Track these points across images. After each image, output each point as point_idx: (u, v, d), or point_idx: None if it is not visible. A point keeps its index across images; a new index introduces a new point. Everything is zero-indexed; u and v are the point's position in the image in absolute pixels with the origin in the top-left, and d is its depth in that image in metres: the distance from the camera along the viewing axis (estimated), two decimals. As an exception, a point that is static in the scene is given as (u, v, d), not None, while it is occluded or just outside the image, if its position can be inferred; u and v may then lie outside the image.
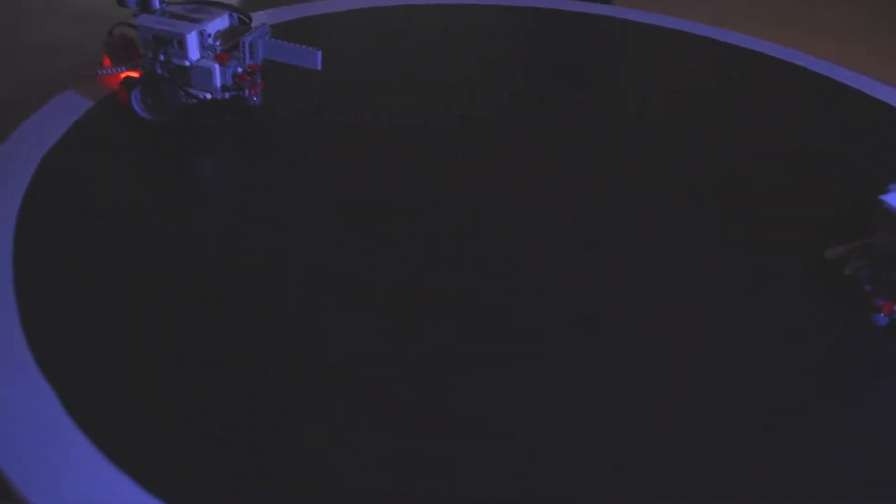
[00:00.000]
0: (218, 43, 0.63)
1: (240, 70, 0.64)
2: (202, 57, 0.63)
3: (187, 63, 0.62)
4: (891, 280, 0.48)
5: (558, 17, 0.94)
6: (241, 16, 0.65)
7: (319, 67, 0.64)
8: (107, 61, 0.68)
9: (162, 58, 0.61)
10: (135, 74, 0.65)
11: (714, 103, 0.74)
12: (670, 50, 0.85)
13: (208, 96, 0.64)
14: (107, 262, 0.50)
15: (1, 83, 0.86)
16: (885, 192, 0.52)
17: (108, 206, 0.55)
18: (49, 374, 0.42)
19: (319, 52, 0.63)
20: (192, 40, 0.61)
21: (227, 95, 0.65)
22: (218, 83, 0.63)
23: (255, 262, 0.51)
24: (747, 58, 0.85)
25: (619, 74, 0.79)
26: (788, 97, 0.76)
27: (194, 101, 0.64)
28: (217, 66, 0.62)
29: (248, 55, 0.63)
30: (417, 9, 0.94)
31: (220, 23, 0.63)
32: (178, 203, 0.56)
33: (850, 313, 0.50)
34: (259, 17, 0.87)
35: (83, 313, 0.46)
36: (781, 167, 0.64)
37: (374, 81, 0.75)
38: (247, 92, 0.65)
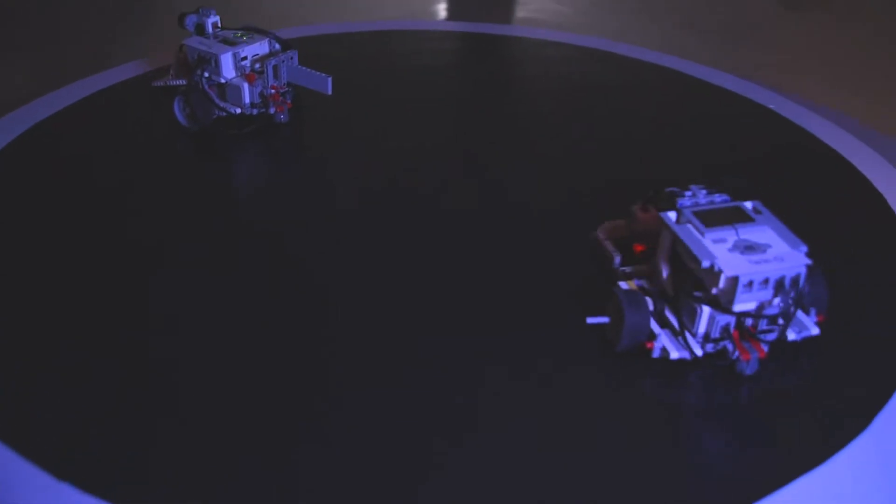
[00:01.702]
0: (257, 65, 0.70)
1: (271, 91, 0.70)
2: (236, 76, 0.70)
3: (223, 80, 0.70)
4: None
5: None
6: (280, 42, 0.72)
7: (329, 92, 0.69)
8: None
9: (206, 74, 0.69)
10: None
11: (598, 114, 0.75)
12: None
13: (238, 111, 0.71)
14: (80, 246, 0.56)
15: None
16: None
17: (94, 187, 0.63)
18: None
19: (330, 78, 0.69)
20: (227, 60, 0.69)
21: (255, 111, 0.72)
22: (247, 100, 0.71)
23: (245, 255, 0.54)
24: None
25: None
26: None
27: (225, 114, 0.71)
28: (246, 85, 0.70)
29: (271, 76, 0.70)
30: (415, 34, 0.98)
31: (258, 47, 0.71)
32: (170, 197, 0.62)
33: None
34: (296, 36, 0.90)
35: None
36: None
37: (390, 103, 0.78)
38: (273, 109, 0.72)
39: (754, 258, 0.43)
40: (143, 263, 0.55)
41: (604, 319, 0.49)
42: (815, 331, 0.46)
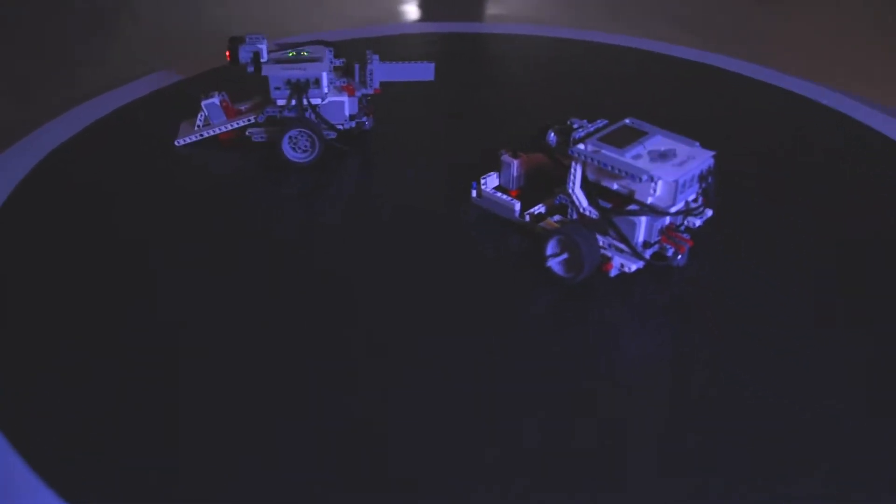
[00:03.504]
0: (343, 79, 0.67)
1: (364, 100, 0.68)
2: (332, 92, 0.66)
3: (320, 101, 0.65)
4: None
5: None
6: (333, 49, 0.68)
7: (433, 78, 0.67)
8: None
9: (304, 101, 0.64)
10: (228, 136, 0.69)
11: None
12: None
13: (341, 127, 0.67)
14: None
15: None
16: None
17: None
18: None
19: (433, 64, 0.67)
20: (326, 78, 0.64)
21: (353, 124, 0.68)
22: (347, 113, 0.67)
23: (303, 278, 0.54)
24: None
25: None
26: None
27: (335, 134, 0.67)
28: (347, 98, 0.66)
29: (370, 82, 0.67)
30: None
31: (332, 59, 0.67)
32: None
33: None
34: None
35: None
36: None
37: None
38: (364, 118, 0.69)
39: (675, 163, 0.49)
40: (142, 264, 0.55)
41: (562, 257, 0.52)
42: (710, 212, 0.52)
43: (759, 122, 0.77)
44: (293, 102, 0.64)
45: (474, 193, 0.61)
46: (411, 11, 1.22)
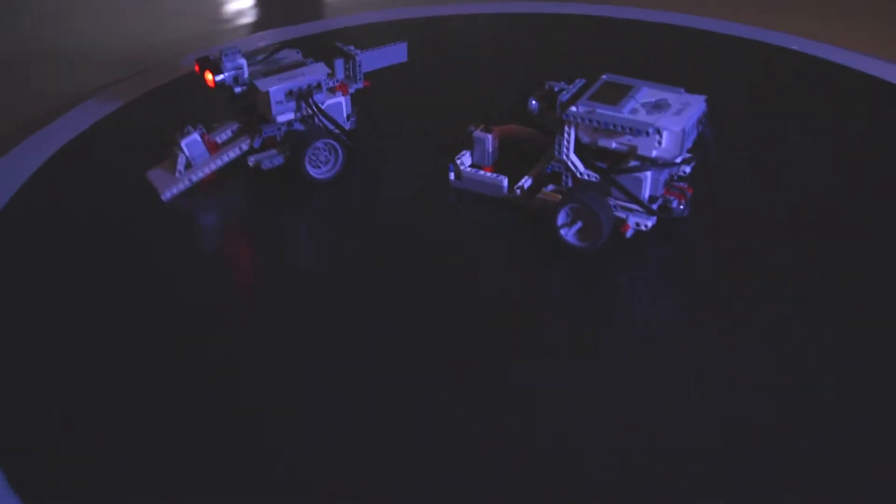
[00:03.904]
0: (333, 80, 0.62)
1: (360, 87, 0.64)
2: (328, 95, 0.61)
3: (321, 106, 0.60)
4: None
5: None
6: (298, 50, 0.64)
7: (406, 59, 0.64)
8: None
9: (314, 108, 0.59)
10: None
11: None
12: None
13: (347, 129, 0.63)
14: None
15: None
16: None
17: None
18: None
19: (405, 44, 0.63)
20: (324, 82, 0.60)
21: (351, 123, 0.63)
22: (345, 113, 0.62)
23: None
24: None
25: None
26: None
27: (345, 137, 0.61)
28: (343, 98, 0.62)
29: (359, 77, 0.63)
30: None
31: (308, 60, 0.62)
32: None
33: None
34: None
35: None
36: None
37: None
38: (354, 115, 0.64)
39: (672, 112, 0.49)
40: (141, 265, 0.55)
41: (576, 226, 0.52)
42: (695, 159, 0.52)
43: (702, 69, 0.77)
44: (302, 113, 0.59)
45: (452, 176, 0.59)
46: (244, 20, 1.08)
